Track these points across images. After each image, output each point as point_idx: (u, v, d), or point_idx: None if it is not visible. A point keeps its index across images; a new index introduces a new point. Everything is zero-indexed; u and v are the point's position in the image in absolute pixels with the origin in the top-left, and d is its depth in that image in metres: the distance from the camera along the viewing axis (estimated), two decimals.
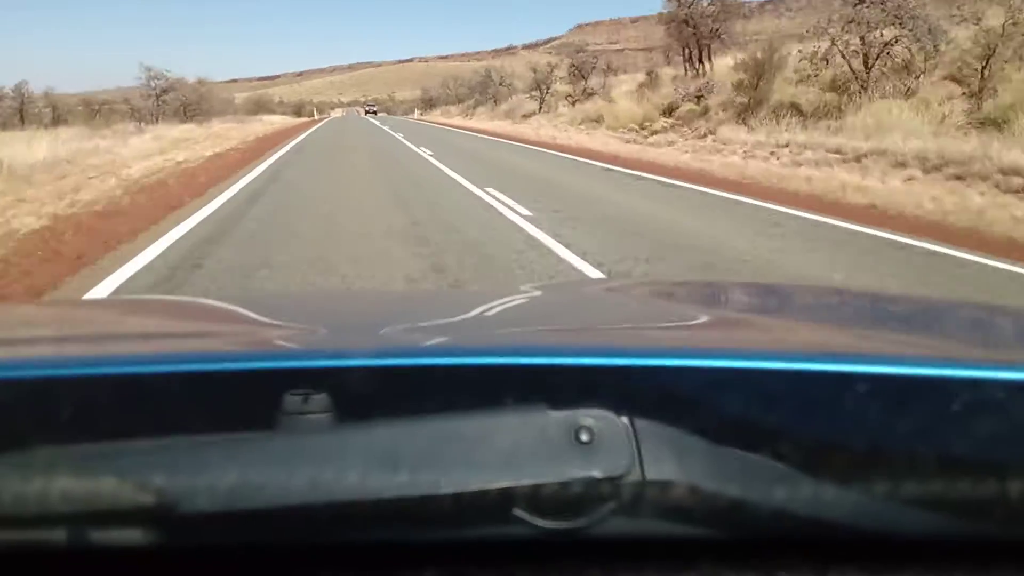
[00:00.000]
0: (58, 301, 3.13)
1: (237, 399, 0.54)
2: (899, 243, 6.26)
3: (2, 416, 0.51)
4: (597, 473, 0.48)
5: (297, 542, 0.49)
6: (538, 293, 1.35)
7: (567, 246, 5.80)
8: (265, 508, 0.47)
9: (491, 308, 1.05)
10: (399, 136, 25.05)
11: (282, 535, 0.49)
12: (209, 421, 0.51)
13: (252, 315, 1.02)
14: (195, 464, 0.47)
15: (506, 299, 1.16)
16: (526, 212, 7.53)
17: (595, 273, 4.99)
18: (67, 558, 0.48)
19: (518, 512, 0.48)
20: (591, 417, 0.49)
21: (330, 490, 0.47)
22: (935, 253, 5.83)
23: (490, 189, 9.44)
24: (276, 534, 0.49)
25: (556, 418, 0.49)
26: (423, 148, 18.19)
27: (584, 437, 0.49)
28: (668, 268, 5.21)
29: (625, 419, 0.50)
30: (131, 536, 0.47)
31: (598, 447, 0.48)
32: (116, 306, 1.44)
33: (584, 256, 5.42)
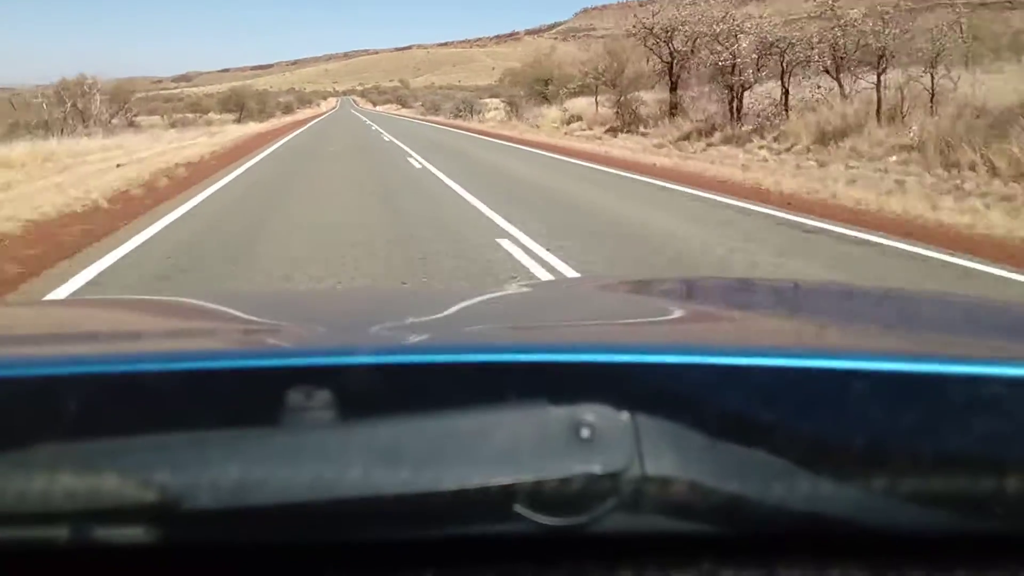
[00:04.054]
0: (50, 301, 3.13)
1: (240, 396, 0.54)
2: None
3: (4, 414, 0.52)
4: (597, 468, 0.48)
5: (299, 539, 0.49)
6: (529, 290, 1.36)
7: None
8: (267, 505, 0.47)
9: (487, 305, 1.06)
10: None
11: (284, 532, 0.49)
12: (212, 418, 0.51)
13: (249, 313, 1.02)
14: (198, 461, 0.48)
15: (501, 295, 1.17)
16: None
17: None
18: (70, 556, 0.48)
19: (519, 509, 0.48)
20: (592, 413, 0.49)
21: (332, 487, 0.47)
22: None
23: None
24: (278, 531, 0.49)
25: (557, 414, 0.49)
26: None
27: (585, 433, 0.49)
28: None
29: (626, 415, 0.50)
30: (134, 533, 0.47)
31: (598, 442, 0.48)
32: (110, 305, 1.44)
33: None
